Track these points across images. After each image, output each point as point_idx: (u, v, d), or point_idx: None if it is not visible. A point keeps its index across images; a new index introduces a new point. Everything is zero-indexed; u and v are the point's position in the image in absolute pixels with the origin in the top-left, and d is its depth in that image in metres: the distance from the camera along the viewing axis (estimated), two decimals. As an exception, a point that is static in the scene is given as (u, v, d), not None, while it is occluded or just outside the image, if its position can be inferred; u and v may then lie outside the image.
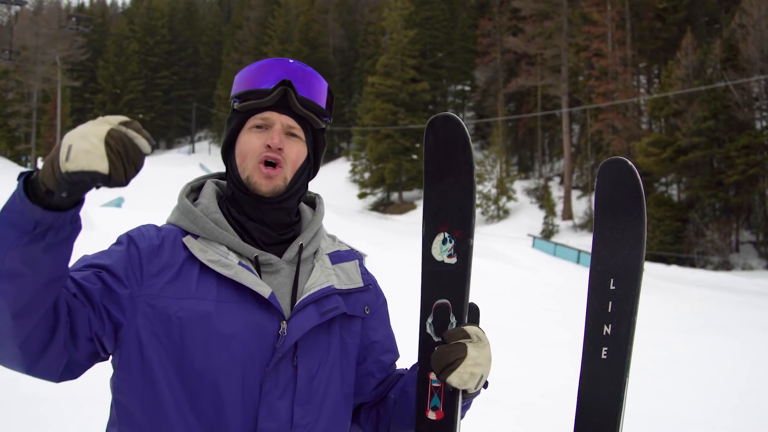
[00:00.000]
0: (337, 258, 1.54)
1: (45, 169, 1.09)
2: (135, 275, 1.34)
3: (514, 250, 25.39)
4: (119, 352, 1.34)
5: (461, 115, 61.73)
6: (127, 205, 31.97)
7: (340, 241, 1.62)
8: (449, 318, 1.46)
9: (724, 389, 7.48)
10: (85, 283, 1.29)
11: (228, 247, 1.40)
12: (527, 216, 42.47)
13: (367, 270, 1.60)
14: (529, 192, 45.85)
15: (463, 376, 1.37)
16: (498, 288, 15.36)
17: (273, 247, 1.46)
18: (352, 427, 1.59)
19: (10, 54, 43.90)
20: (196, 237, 1.42)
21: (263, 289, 1.36)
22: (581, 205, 41.68)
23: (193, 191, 1.53)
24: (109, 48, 76.13)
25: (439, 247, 1.49)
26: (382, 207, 51.03)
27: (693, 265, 31.08)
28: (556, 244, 27.60)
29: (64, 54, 52.37)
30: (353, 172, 53.12)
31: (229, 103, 1.50)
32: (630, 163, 1.50)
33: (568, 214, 41.77)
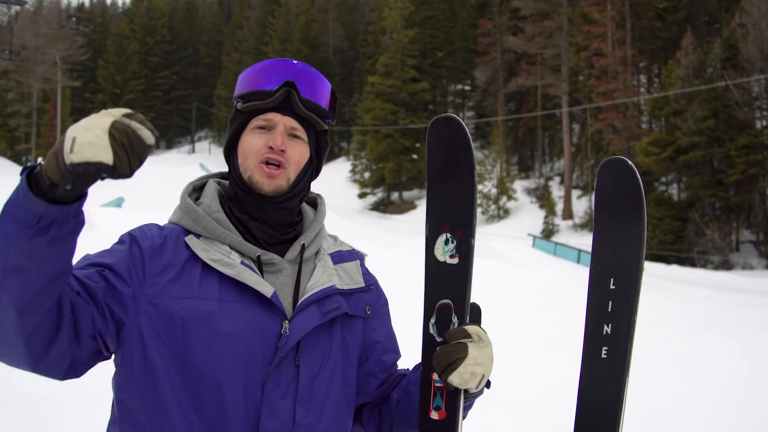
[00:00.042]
0: (338, 258, 1.54)
1: (49, 162, 1.10)
2: (137, 274, 1.34)
3: (514, 250, 25.38)
4: (122, 351, 1.34)
5: (461, 114, 61.73)
6: (127, 205, 31.95)
7: (341, 242, 1.62)
8: (451, 318, 1.47)
9: (724, 388, 7.48)
10: (88, 281, 1.29)
11: (230, 247, 1.40)
12: (527, 215, 42.48)
13: (368, 270, 1.60)
14: (529, 191, 45.85)
15: (463, 375, 1.37)
16: (498, 287, 15.35)
17: (275, 246, 1.46)
18: (355, 427, 1.59)
19: (10, 54, 43.92)
20: (198, 236, 1.42)
21: (265, 288, 1.36)
22: (581, 205, 41.68)
23: (195, 190, 1.53)
24: (109, 48, 76.14)
25: (442, 248, 1.50)
26: (383, 207, 51.02)
27: (693, 264, 31.08)
28: (557, 244, 27.59)
29: (64, 54, 52.38)
30: (353, 171, 53.13)
31: (230, 102, 1.50)
32: (630, 162, 1.50)
33: (568, 214, 41.77)
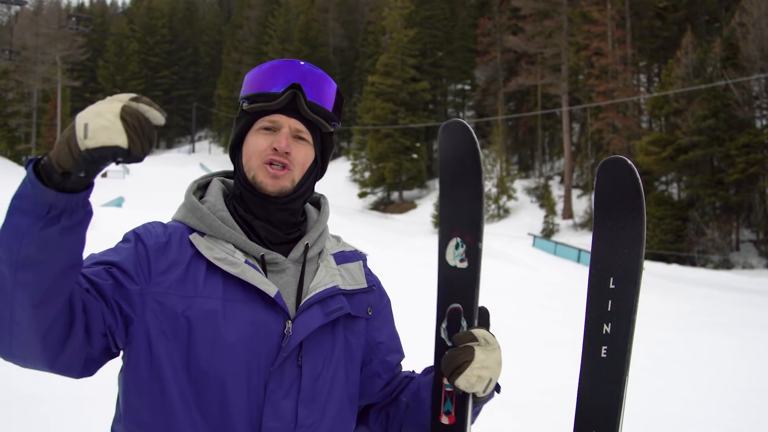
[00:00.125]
0: (341, 258, 1.55)
1: (60, 150, 1.10)
2: (143, 272, 1.34)
3: (514, 249, 25.36)
4: (129, 349, 1.34)
5: (461, 114, 61.73)
6: (127, 204, 31.96)
7: (344, 242, 1.63)
8: (461, 322, 1.48)
9: (724, 388, 7.48)
10: (96, 278, 1.30)
11: (234, 246, 1.40)
12: (527, 215, 42.48)
13: (370, 271, 1.61)
14: (529, 191, 45.85)
15: (470, 379, 1.38)
16: (498, 287, 15.34)
17: (279, 246, 1.46)
18: (361, 428, 1.59)
19: (10, 54, 43.93)
20: (203, 234, 1.42)
21: (269, 288, 1.36)
22: (581, 204, 41.67)
23: (199, 189, 1.53)
24: (109, 48, 76.17)
25: (452, 252, 1.51)
26: (383, 206, 51.02)
27: (693, 263, 31.08)
28: (557, 243, 27.58)
29: (64, 54, 52.38)
30: (353, 171, 53.13)
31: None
32: (629, 161, 1.49)
33: (568, 213, 41.77)
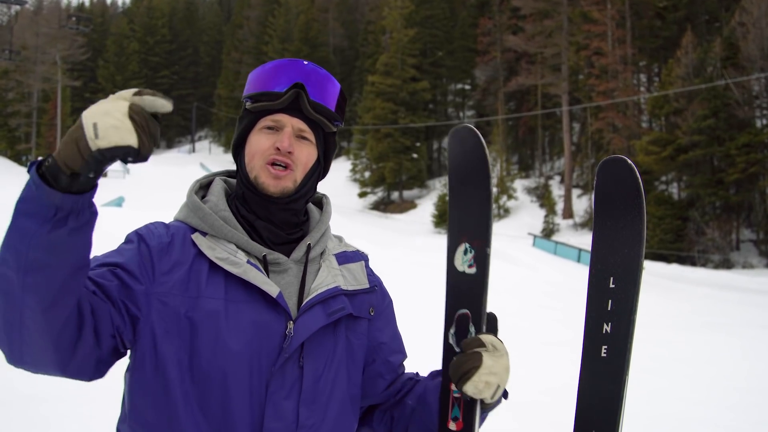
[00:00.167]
0: (343, 258, 1.54)
1: (68, 151, 1.08)
2: (147, 273, 1.34)
3: (514, 249, 25.35)
4: (135, 348, 1.35)
5: (461, 114, 61.73)
6: (127, 204, 31.96)
7: (346, 243, 1.62)
8: (468, 328, 1.48)
9: (724, 388, 7.47)
10: (102, 280, 1.30)
11: (236, 246, 1.40)
12: (528, 215, 42.47)
13: (372, 271, 1.60)
14: (529, 191, 45.85)
15: (477, 385, 1.38)
16: (498, 286, 15.32)
17: (281, 246, 1.46)
18: (364, 429, 1.59)
19: (10, 54, 43.91)
20: (205, 234, 1.42)
21: (271, 288, 1.36)
22: (582, 204, 41.67)
23: (201, 188, 1.53)
24: (110, 47, 76.18)
25: (461, 258, 1.51)
26: (383, 206, 51.01)
27: (693, 263, 31.09)
28: (557, 243, 27.58)
29: (64, 53, 52.37)
30: (353, 171, 53.12)
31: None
32: (629, 161, 1.49)
33: (568, 213, 41.76)
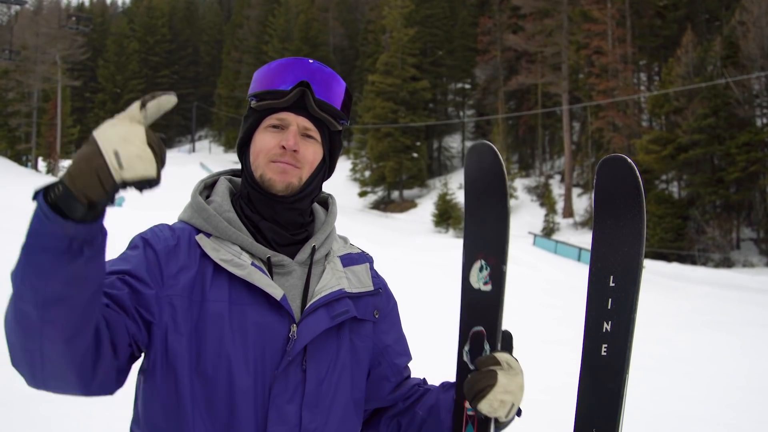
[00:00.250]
0: (348, 261, 1.54)
1: (85, 181, 1.04)
2: (156, 277, 1.33)
3: (514, 248, 25.30)
4: (148, 351, 1.34)
5: (461, 113, 61.73)
6: (128, 204, 31.95)
7: (351, 244, 1.62)
8: (483, 345, 1.48)
9: (724, 386, 7.48)
10: (113, 290, 1.28)
11: (241, 247, 1.39)
12: (528, 214, 42.46)
13: (377, 273, 1.59)
14: (529, 190, 45.85)
15: (492, 403, 1.37)
16: (499, 286, 15.33)
17: (285, 247, 1.45)
18: None
19: (10, 54, 43.94)
20: (209, 235, 1.41)
21: (275, 291, 1.35)
22: (582, 203, 41.66)
23: (206, 188, 1.52)
24: (110, 47, 76.13)
25: (476, 275, 1.51)
26: (383, 205, 51.01)
27: (694, 262, 31.09)
28: (557, 242, 27.55)
29: (64, 53, 52.34)
30: (354, 170, 53.11)
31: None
32: (629, 160, 1.49)
33: (568, 212, 41.77)
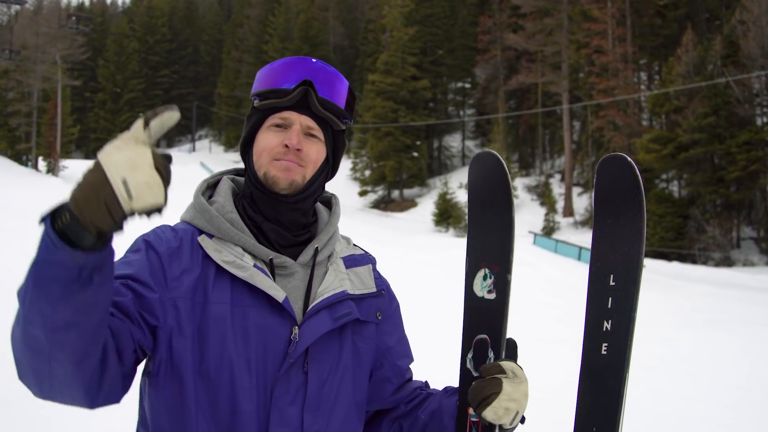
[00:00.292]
0: (351, 262, 1.53)
1: (94, 211, 1.00)
2: (159, 280, 1.33)
3: (515, 247, 25.34)
4: (152, 355, 1.34)
5: (462, 112, 61.72)
6: (128, 203, 31.89)
7: (354, 244, 1.61)
8: (487, 353, 1.48)
9: (725, 385, 7.48)
10: (117, 297, 1.27)
11: (243, 248, 1.39)
12: (528, 213, 42.45)
13: (380, 274, 1.59)
14: (530, 189, 45.85)
15: (497, 411, 1.38)
16: (499, 285, 15.32)
17: (288, 249, 1.44)
18: None
19: (10, 53, 43.91)
20: (211, 236, 1.40)
21: (277, 293, 1.35)
22: (582, 202, 41.66)
23: (209, 188, 1.52)
24: (110, 47, 76.11)
25: (480, 283, 1.52)
26: (383, 204, 51.00)
27: (694, 261, 31.09)
28: (557, 241, 27.54)
29: (64, 53, 52.29)
30: (354, 169, 53.09)
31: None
32: (629, 158, 1.49)
33: (569, 211, 41.77)
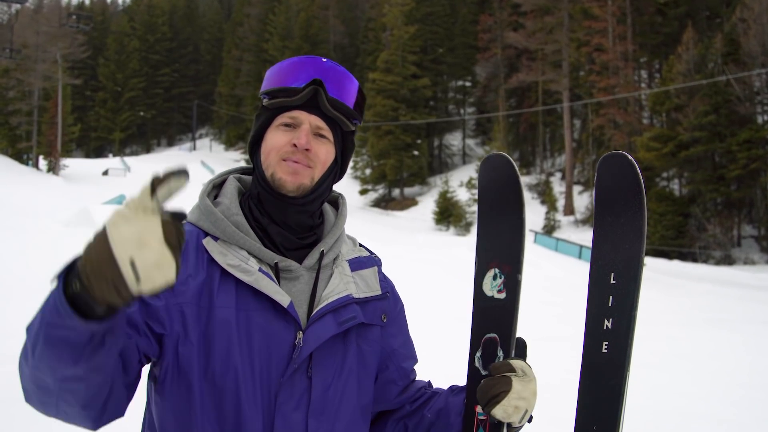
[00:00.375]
0: (356, 264, 1.52)
1: (103, 290, 0.97)
2: None
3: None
4: (158, 361, 1.34)
5: (462, 110, 61.71)
6: (128, 202, 31.83)
7: (360, 245, 1.60)
8: (497, 352, 1.49)
9: (726, 383, 7.48)
10: None
11: (248, 252, 1.38)
12: (529, 211, 41.59)
13: (385, 276, 1.58)
14: (530, 187, 45.85)
15: (507, 409, 1.38)
16: (500, 284, 15.33)
17: (293, 251, 1.43)
18: None
19: (10, 52, 43.94)
20: (216, 238, 1.39)
21: (283, 298, 1.33)
22: (583, 201, 41.66)
23: (214, 188, 1.50)
24: (110, 46, 76.20)
25: (490, 283, 1.52)
26: (384, 203, 51.04)
27: (695, 259, 31.07)
28: (558, 240, 27.55)
29: (64, 52, 52.32)
30: (354, 168, 53.09)
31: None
32: (630, 157, 1.49)
33: (569, 210, 41.77)
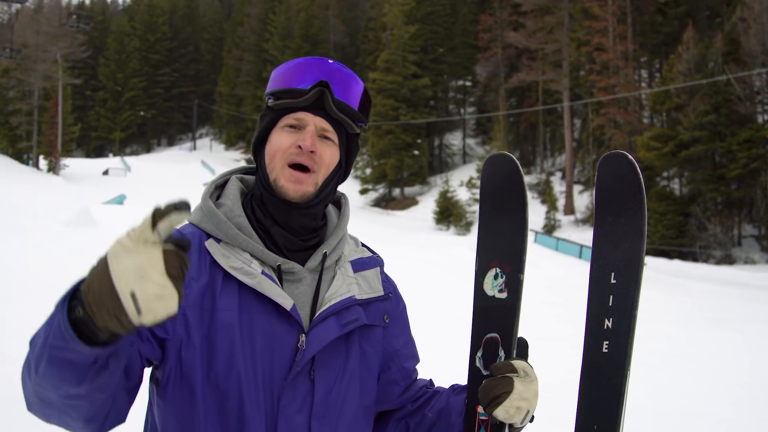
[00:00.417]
0: (359, 266, 1.51)
1: (105, 320, 0.98)
2: None
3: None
4: (161, 365, 1.33)
5: (462, 110, 61.70)
6: (128, 202, 32.00)
7: (362, 245, 1.59)
8: (498, 352, 1.48)
9: (726, 383, 7.48)
10: None
11: (251, 254, 1.37)
12: (529, 211, 42.27)
13: (387, 276, 1.58)
14: (530, 187, 45.83)
15: (509, 410, 1.38)
16: (500, 283, 15.32)
17: (296, 253, 1.42)
18: None
19: (11, 52, 43.94)
20: (218, 240, 1.38)
21: (285, 301, 1.33)
22: (583, 200, 41.66)
23: (217, 189, 1.49)
24: (110, 45, 76.20)
25: (491, 283, 1.51)
26: (384, 203, 51.04)
27: (695, 259, 31.07)
28: (558, 239, 27.54)
29: (65, 51, 52.34)
30: (355, 168, 53.04)
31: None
32: (630, 156, 1.49)
33: (570, 209, 41.77)
